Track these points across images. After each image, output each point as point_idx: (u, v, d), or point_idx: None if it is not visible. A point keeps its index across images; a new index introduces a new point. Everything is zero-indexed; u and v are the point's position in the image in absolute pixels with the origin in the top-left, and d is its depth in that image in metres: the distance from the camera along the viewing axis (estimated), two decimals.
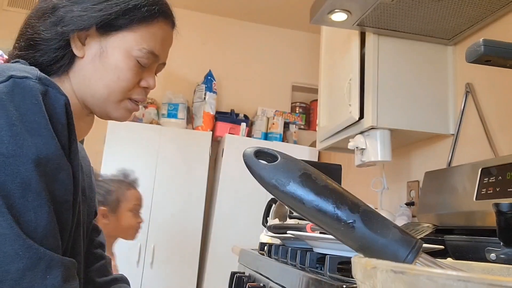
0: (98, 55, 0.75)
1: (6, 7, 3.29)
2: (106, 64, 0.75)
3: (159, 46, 0.80)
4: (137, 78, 0.78)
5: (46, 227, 0.56)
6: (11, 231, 0.52)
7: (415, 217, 1.58)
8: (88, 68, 0.76)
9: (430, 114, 1.55)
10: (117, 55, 0.76)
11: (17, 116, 0.56)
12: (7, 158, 0.54)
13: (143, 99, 0.82)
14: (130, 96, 0.79)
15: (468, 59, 0.87)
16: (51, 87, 0.61)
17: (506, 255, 0.79)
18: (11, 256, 0.51)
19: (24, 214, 0.54)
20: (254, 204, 2.26)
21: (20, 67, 0.62)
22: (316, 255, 0.87)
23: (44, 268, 0.54)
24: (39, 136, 0.57)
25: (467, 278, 0.21)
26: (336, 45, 1.83)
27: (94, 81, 0.75)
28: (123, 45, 0.76)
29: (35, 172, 0.55)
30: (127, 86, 0.77)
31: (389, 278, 0.25)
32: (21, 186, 0.54)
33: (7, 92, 0.57)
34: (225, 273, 1.34)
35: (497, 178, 1.12)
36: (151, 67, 0.81)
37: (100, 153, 2.94)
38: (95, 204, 0.92)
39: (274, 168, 0.33)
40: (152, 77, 0.82)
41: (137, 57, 0.77)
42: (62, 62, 0.75)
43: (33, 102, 0.58)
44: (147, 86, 0.81)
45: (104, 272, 0.92)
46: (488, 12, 1.34)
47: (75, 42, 0.74)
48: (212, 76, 3.47)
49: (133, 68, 0.77)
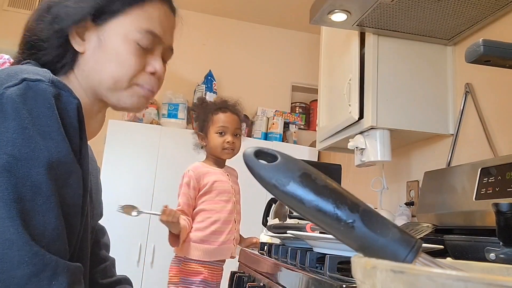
0: (97, 47, 0.74)
1: (6, 7, 3.29)
2: (106, 53, 0.74)
3: (158, 26, 0.77)
4: (141, 62, 0.76)
5: (54, 231, 0.56)
6: (18, 236, 0.52)
7: (415, 217, 1.59)
8: (91, 62, 0.75)
9: (430, 114, 1.55)
10: (115, 41, 0.74)
11: (29, 120, 0.56)
12: (19, 161, 0.54)
13: (152, 86, 0.78)
14: (137, 82, 0.76)
15: (467, 59, 0.87)
16: (64, 90, 0.61)
17: (505, 255, 0.79)
18: (17, 261, 0.52)
19: (33, 218, 0.54)
20: (254, 204, 2.26)
21: (33, 70, 0.62)
22: (316, 254, 0.87)
23: (50, 274, 0.54)
24: (51, 139, 0.57)
25: (466, 277, 0.21)
26: (336, 45, 1.83)
27: (98, 73, 0.74)
28: (120, 30, 0.74)
29: (46, 176, 0.55)
30: (132, 72, 0.75)
31: (389, 278, 0.25)
32: (31, 189, 0.54)
33: (20, 95, 0.57)
34: (225, 272, 1.34)
35: (496, 178, 1.12)
36: (155, 50, 0.78)
37: (100, 153, 2.94)
38: (100, 205, 0.92)
39: (274, 168, 0.34)
40: (158, 61, 0.78)
41: (136, 39, 0.74)
42: (65, 60, 0.74)
43: (46, 106, 0.58)
44: (153, 71, 0.78)
45: (108, 273, 0.92)
46: (488, 12, 1.34)
47: (74, 38, 0.74)
48: (212, 76, 3.47)
49: (134, 52, 0.75)
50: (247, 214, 1.95)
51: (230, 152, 1.77)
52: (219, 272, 1.73)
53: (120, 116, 3.21)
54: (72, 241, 0.62)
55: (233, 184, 1.78)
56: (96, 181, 0.87)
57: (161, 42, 0.78)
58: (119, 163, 3.02)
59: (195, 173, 1.74)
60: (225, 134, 1.76)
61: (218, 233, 1.70)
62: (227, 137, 1.76)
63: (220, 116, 1.78)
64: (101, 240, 0.93)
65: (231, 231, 1.73)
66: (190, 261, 1.67)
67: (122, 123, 3.12)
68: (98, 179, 0.90)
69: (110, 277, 0.92)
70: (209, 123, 1.79)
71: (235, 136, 1.78)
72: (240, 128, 1.81)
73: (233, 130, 1.77)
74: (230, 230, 1.72)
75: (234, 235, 1.75)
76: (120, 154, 3.03)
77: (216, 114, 1.79)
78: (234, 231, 1.75)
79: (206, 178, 1.73)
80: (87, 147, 0.65)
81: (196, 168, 1.76)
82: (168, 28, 0.80)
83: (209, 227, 1.68)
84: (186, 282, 1.66)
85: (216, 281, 1.72)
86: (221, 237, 1.70)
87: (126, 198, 3.00)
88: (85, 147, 0.64)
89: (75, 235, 0.63)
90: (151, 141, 3.10)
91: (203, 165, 1.78)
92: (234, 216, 1.75)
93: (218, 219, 1.70)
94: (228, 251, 1.72)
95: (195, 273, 1.67)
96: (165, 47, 0.80)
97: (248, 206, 2.61)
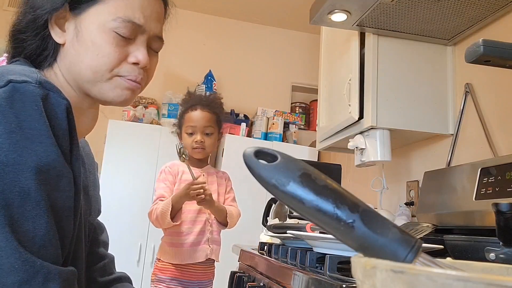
0: (75, 37, 0.71)
1: (6, 7, 3.30)
2: (83, 43, 0.70)
3: (139, 14, 0.72)
4: (120, 52, 0.71)
5: (44, 237, 0.55)
6: (7, 243, 0.51)
7: (415, 217, 1.59)
8: (70, 53, 0.72)
9: (430, 114, 1.55)
10: (92, 30, 0.70)
11: (16, 123, 0.55)
12: (6, 166, 0.53)
13: (136, 76, 0.73)
14: (118, 73, 0.72)
15: (467, 59, 0.87)
16: (52, 91, 0.59)
17: (505, 255, 0.79)
18: (7, 269, 0.51)
19: (22, 224, 0.53)
20: (254, 204, 2.26)
21: (19, 70, 0.61)
22: (316, 254, 0.87)
23: (41, 281, 0.53)
24: (40, 143, 0.56)
25: (466, 277, 0.21)
26: (335, 45, 1.83)
27: (78, 64, 0.71)
28: (97, 19, 0.70)
29: (34, 181, 0.54)
30: (110, 62, 0.70)
31: (389, 278, 0.25)
32: (19, 195, 0.53)
33: (6, 97, 0.55)
34: (225, 272, 1.34)
35: (496, 178, 1.12)
36: (138, 40, 0.73)
37: (101, 153, 2.94)
38: (98, 201, 0.91)
39: (274, 168, 0.34)
40: (141, 51, 0.73)
41: (114, 28, 0.70)
42: (47, 52, 0.72)
43: (33, 108, 0.56)
44: (135, 60, 0.73)
45: (107, 271, 0.91)
46: (488, 12, 1.34)
47: (53, 29, 0.72)
48: (212, 76, 3.47)
49: (112, 41, 0.70)
50: (247, 214, 1.96)
51: (201, 151, 1.72)
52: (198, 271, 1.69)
53: (120, 116, 3.21)
54: (65, 244, 0.61)
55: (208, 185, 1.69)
56: (93, 177, 0.86)
57: (143, 31, 0.73)
58: (119, 163, 3.02)
59: (172, 169, 1.73)
60: (194, 134, 1.71)
61: (186, 234, 1.66)
62: (195, 136, 1.71)
63: (189, 114, 1.73)
64: (99, 238, 0.92)
65: (203, 232, 1.68)
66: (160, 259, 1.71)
67: (122, 123, 3.12)
68: (95, 175, 0.89)
69: (109, 275, 0.91)
70: (181, 122, 1.76)
71: (205, 135, 1.71)
72: (211, 125, 1.72)
73: (202, 129, 1.70)
74: (200, 230, 1.68)
75: (207, 236, 1.69)
76: (120, 154, 3.03)
77: (186, 112, 1.74)
78: (207, 232, 1.70)
79: (179, 175, 1.72)
80: (78, 148, 0.63)
81: (173, 165, 1.76)
82: (152, 15, 0.74)
83: (174, 228, 1.66)
84: (159, 280, 1.68)
85: (197, 280, 1.69)
86: (189, 237, 1.66)
87: (126, 198, 3.00)
88: (76, 147, 0.62)
89: (69, 238, 0.62)
90: (151, 141, 3.10)
91: (181, 163, 1.75)
92: (206, 216, 1.70)
93: (184, 219, 1.66)
94: (201, 253, 1.67)
95: (165, 270, 1.68)
96: (151, 36, 0.75)
97: (248, 206, 2.62)
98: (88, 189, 0.80)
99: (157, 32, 0.77)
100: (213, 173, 1.82)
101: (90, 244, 0.86)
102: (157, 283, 1.68)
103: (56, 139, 0.58)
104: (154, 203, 1.67)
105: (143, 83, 0.76)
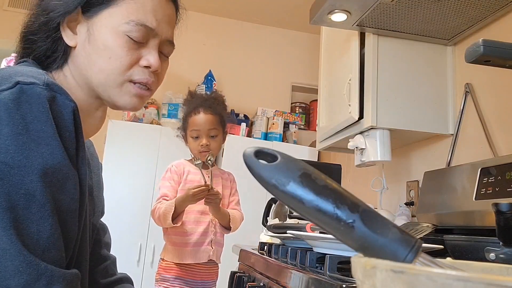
0: (87, 40, 0.71)
1: (6, 7, 3.29)
2: (96, 46, 0.70)
3: (151, 18, 0.72)
4: (133, 56, 0.71)
5: (48, 239, 0.55)
6: (12, 246, 0.51)
7: (415, 217, 1.59)
8: (81, 56, 0.72)
9: (430, 114, 1.55)
10: (104, 34, 0.70)
11: (23, 125, 0.55)
12: (12, 168, 0.53)
13: (147, 79, 0.73)
14: (131, 78, 0.72)
15: (467, 59, 0.87)
16: (59, 93, 0.59)
17: (505, 255, 0.79)
18: (11, 271, 0.51)
19: (27, 226, 0.53)
20: (254, 204, 2.26)
21: (27, 71, 0.61)
22: (316, 254, 0.87)
23: (44, 284, 0.53)
24: (46, 145, 0.56)
25: (466, 277, 0.21)
26: (336, 45, 1.83)
27: (89, 68, 0.71)
28: (110, 23, 0.70)
29: (40, 183, 0.54)
30: (122, 66, 0.70)
31: (389, 278, 0.25)
32: (25, 197, 0.53)
33: (13, 99, 0.55)
34: (225, 272, 1.34)
35: (496, 178, 1.12)
36: (150, 43, 0.74)
37: (101, 153, 2.94)
38: (102, 202, 0.91)
39: (274, 168, 0.34)
40: (153, 54, 0.73)
41: (126, 32, 0.70)
42: (56, 54, 0.72)
43: (40, 110, 0.56)
44: (147, 64, 0.73)
45: (108, 272, 0.91)
46: (488, 12, 1.34)
47: (65, 31, 0.72)
48: (212, 76, 3.47)
49: (124, 45, 0.70)
50: (247, 214, 1.95)
51: (208, 154, 1.73)
52: (202, 271, 1.70)
53: (120, 116, 3.21)
54: (69, 247, 0.61)
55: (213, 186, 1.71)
56: (97, 178, 0.86)
57: (155, 35, 0.73)
58: (119, 163, 3.02)
59: (178, 169, 1.74)
60: (199, 137, 1.72)
61: (189, 234, 1.66)
62: (201, 140, 1.71)
63: (193, 118, 1.73)
64: (102, 239, 0.92)
65: (206, 233, 1.69)
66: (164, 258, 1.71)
67: (122, 123, 3.13)
68: (99, 176, 0.89)
69: (111, 276, 0.91)
70: (185, 125, 1.77)
71: (210, 138, 1.72)
72: (215, 127, 1.73)
73: (207, 132, 1.71)
74: (204, 231, 1.68)
75: (211, 237, 1.70)
76: (120, 154, 3.03)
77: (190, 116, 1.75)
78: (211, 233, 1.70)
79: (185, 175, 1.73)
80: (84, 150, 0.63)
81: (179, 164, 1.76)
82: (164, 19, 0.74)
83: (178, 228, 1.66)
84: (163, 279, 1.68)
85: (201, 279, 1.70)
86: (192, 237, 1.67)
87: (126, 198, 3.00)
88: (82, 150, 0.62)
89: (73, 241, 0.62)
90: (151, 141, 3.10)
91: (187, 163, 1.77)
92: (210, 218, 1.71)
93: (187, 219, 1.67)
94: (203, 254, 1.68)
95: (169, 269, 1.68)
96: (162, 40, 0.75)
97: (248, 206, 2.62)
98: (92, 190, 0.80)
99: (169, 36, 0.77)
100: (218, 174, 1.83)
101: (92, 246, 0.85)
102: (161, 282, 1.68)
103: (62, 141, 0.58)
104: (158, 201, 1.68)
105: (153, 87, 0.76)
